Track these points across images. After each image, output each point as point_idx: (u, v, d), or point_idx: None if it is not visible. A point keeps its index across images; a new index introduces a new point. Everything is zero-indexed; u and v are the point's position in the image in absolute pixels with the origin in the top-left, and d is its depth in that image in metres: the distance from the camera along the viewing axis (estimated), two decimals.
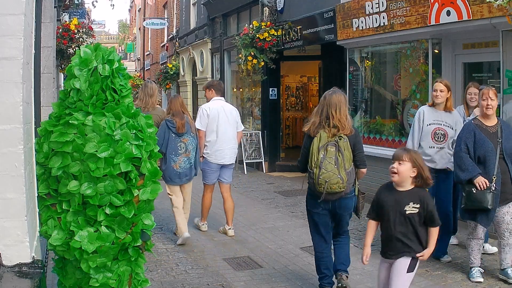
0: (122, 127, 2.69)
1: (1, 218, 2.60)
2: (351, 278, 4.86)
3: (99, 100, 2.71)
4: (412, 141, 5.31)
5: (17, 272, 2.63)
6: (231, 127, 6.38)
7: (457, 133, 4.99)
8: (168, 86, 20.33)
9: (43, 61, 6.44)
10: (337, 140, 4.12)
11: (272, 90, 12.02)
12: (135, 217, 2.74)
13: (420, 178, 3.34)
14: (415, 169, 3.32)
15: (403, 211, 3.33)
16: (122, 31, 55.06)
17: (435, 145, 5.18)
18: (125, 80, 2.86)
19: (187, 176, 6.04)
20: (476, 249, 4.70)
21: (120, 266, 2.77)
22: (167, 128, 5.81)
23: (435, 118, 5.19)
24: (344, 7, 8.52)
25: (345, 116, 4.18)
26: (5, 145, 2.60)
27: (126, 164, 2.66)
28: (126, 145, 2.66)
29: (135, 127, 2.74)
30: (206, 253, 5.67)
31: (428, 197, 3.40)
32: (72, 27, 10.84)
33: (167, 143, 5.78)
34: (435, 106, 5.25)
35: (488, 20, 5.85)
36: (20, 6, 2.65)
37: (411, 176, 3.33)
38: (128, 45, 40.10)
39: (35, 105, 4.02)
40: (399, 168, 3.32)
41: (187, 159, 5.95)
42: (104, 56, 2.76)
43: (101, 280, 2.70)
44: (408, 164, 3.30)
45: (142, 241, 2.81)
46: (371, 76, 8.76)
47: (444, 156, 5.18)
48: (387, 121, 8.34)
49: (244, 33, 11.33)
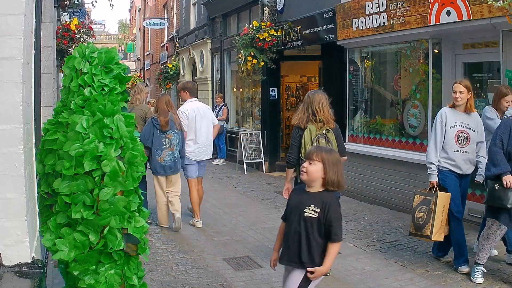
0: (95, 125, 2.64)
1: (1, 218, 2.60)
2: (351, 278, 4.87)
3: (79, 97, 2.69)
4: (435, 145, 4.97)
5: (17, 272, 2.62)
6: (206, 126, 6.93)
7: (479, 136, 4.93)
8: (168, 86, 20.34)
9: (43, 61, 6.45)
10: (325, 132, 4.73)
11: (272, 90, 12.03)
12: (100, 219, 2.63)
13: (329, 181, 3.01)
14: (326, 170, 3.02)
15: (302, 213, 3.01)
16: (122, 31, 55.02)
17: (459, 148, 4.92)
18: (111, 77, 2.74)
19: (172, 169, 6.57)
20: (487, 249, 4.62)
21: (106, 269, 2.70)
22: (152, 125, 6.39)
23: (457, 120, 4.94)
24: (344, 7, 8.52)
25: (328, 112, 4.76)
26: (5, 145, 2.60)
27: (91, 163, 2.59)
28: (93, 144, 2.60)
29: (106, 126, 2.65)
30: (206, 253, 5.67)
31: (333, 204, 3.02)
32: (72, 27, 10.86)
33: (153, 138, 6.40)
34: (455, 107, 4.99)
35: (488, 20, 5.85)
36: (20, 6, 2.65)
37: (322, 177, 3.03)
38: (128, 45, 40.12)
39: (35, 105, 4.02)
40: (309, 168, 3.03)
41: (172, 153, 6.51)
42: (85, 52, 2.73)
43: (87, 281, 2.68)
44: (319, 165, 3.01)
45: (130, 244, 2.69)
46: (371, 76, 8.76)
47: (468, 161, 4.98)
48: (387, 121, 8.34)
49: (244, 33, 11.33)
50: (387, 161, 7.81)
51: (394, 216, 7.27)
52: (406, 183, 7.44)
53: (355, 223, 6.95)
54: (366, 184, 8.29)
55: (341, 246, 3.81)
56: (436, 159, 4.96)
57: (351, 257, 5.44)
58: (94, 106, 2.66)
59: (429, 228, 4.80)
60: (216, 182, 10.40)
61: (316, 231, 2.97)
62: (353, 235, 6.36)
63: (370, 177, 8.19)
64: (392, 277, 4.87)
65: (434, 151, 4.97)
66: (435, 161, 4.96)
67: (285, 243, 3.11)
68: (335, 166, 3.04)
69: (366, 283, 4.75)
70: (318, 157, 3.02)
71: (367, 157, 8.26)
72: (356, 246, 5.89)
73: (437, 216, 4.77)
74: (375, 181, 8.09)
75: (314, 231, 2.97)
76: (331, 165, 3.02)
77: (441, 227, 4.82)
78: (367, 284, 4.73)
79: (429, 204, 4.85)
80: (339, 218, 3.04)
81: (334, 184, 3.03)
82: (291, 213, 3.10)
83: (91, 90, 2.68)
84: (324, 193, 3.04)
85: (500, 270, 4.93)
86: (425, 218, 4.85)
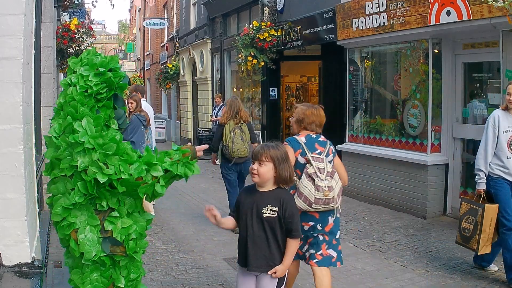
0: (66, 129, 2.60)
1: (1, 218, 2.60)
2: (351, 278, 4.86)
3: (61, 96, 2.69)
4: (486, 151, 4.60)
5: (17, 272, 2.62)
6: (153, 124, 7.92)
7: None
8: (168, 86, 20.34)
9: (43, 61, 6.45)
10: (240, 125, 6.52)
11: (272, 90, 12.02)
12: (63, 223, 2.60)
13: (281, 179, 2.94)
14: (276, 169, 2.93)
15: (260, 215, 2.91)
16: (122, 31, 55.00)
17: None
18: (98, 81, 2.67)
19: None
20: None
21: (90, 271, 2.66)
22: (139, 121, 6.81)
23: (510, 124, 4.57)
24: (344, 7, 8.52)
25: (244, 111, 6.65)
26: (5, 145, 2.60)
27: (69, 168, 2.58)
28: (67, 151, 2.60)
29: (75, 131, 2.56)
30: (206, 253, 5.67)
31: (290, 200, 2.99)
32: (72, 27, 10.86)
33: (138, 133, 6.85)
34: (509, 110, 4.59)
35: (488, 20, 5.85)
36: (20, 6, 2.65)
37: (274, 175, 2.94)
38: (128, 45, 40.06)
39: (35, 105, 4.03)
40: (260, 170, 2.91)
41: (149, 145, 6.91)
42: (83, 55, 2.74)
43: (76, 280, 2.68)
44: (270, 165, 2.91)
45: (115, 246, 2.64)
46: (371, 76, 8.76)
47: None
48: (387, 121, 8.33)
49: (244, 33, 11.32)
50: (387, 161, 7.81)
51: (394, 216, 7.27)
52: (406, 183, 7.44)
53: (355, 223, 6.95)
54: (366, 184, 8.29)
55: (341, 246, 3.81)
56: (486, 166, 4.61)
57: (351, 257, 5.44)
58: (67, 109, 2.60)
59: (475, 242, 4.59)
60: (216, 182, 10.38)
61: (279, 230, 2.92)
62: (353, 235, 6.36)
63: (370, 177, 8.19)
64: (392, 277, 4.87)
65: (484, 157, 4.62)
66: (485, 168, 4.62)
67: (248, 249, 2.94)
68: (285, 162, 2.96)
69: (366, 283, 4.74)
70: (268, 157, 2.91)
71: (367, 157, 8.26)
72: (356, 246, 5.89)
73: (483, 230, 4.53)
74: (375, 181, 8.09)
75: (278, 231, 2.92)
76: (281, 163, 2.93)
77: (488, 239, 4.58)
78: (367, 284, 4.73)
79: (476, 215, 4.60)
80: (297, 213, 3.01)
81: (286, 181, 2.97)
82: (246, 216, 2.96)
83: (74, 89, 2.63)
84: (277, 190, 2.96)
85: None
86: (472, 230, 4.62)
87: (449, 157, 7.12)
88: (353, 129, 8.93)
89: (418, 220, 6.99)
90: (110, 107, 2.78)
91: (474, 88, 6.96)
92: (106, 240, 2.63)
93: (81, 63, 2.70)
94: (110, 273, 2.71)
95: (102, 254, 2.62)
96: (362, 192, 8.35)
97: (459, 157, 7.08)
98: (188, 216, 7.24)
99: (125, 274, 2.77)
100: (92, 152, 2.52)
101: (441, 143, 7.18)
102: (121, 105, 2.87)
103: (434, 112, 7.20)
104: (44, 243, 3.66)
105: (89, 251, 2.58)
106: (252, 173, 2.95)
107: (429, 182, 7.08)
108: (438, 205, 7.16)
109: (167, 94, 22.70)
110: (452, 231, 6.36)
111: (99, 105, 2.71)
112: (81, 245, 2.58)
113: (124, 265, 2.75)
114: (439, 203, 7.16)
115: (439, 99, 7.16)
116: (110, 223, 2.65)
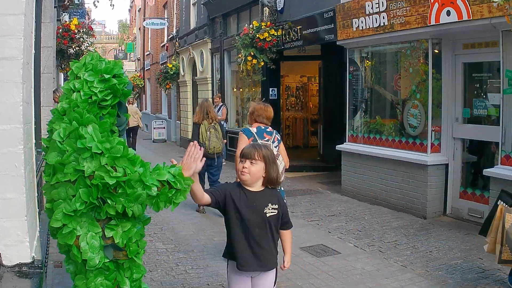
0: (71, 134, 2.55)
1: (1, 218, 2.60)
2: (351, 278, 4.86)
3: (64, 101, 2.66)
4: None
5: (17, 272, 2.62)
6: None
7: None
8: (168, 86, 20.34)
9: (43, 61, 6.45)
10: (214, 125, 7.47)
11: (272, 90, 12.02)
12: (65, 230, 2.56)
13: (270, 179, 2.95)
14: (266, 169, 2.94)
15: (262, 215, 2.90)
16: (122, 31, 55.01)
17: None
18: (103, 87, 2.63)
19: None
20: None
21: (94, 276, 2.68)
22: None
23: None
24: (344, 7, 8.52)
25: (213, 112, 7.56)
26: (5, 145, 2.60)
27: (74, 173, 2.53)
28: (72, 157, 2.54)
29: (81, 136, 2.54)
30: (206, 253, 5.68)
31: (281, 197, 3.07)
32: (72, 27, 10.86)
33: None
34: None
35: (488, 20, 5.85)
36: (20, 6, 2.64)
37: (263, 176, 2.94)
38: (128, 45, 40.03)
39: (35, 105, 4.02)
40: (251, 169, 2.88)
41: None
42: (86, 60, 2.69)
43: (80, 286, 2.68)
44: (261, 164, 2.91)
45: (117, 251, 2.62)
46: (371, 76, 8.76)
47: None
48: (387, 121, 8.33)
49: (244, 33, 11.32)
50: (387, 161, 7.81)
51: (394, 216, 7.27)
52: (406, 183, 7.44)
53: (355, 223, 6.95)
54: (366, 184, 8.29)
55: (341, 246, 3.82)
56: None
57: (351, 257, 5.44)
58: (71, 114, 2.57)
59: None
60: None
61: (275, 228, 2.97)
62: (353, 235, 6.36)
63: (370, 177, 8.19)
64: (392, 277, 4.87)
65: None
66: None
67: (244, 249, 2.89)
68: (274, 163, 2.98)
69: (366, 283, 4.74)
70: (260, 156, 2.90)
71: (367, 157, 8.26)
72: (356, 246, 5.89)
73: None
74: (375, 181, 8.09)
75: (275, 228, 2.98)
76: (271, 163, 2.94)
77: None
78: (367, 284, 4.73)
79: None
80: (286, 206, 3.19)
81: (274, 182, 2.96)
82: (246, 216, 2.89)
83: (78, 95, 2.59)
84: (268, 190, 2.97)
85: None
86: None
87: (449, 157, 7.12)
88: (353, 129, 8.93)
89: (418, 220, 6.99)
90: (114, 115, 2.75)
91: (474, 88, 6.96)
92: (108, 247, 2.61)
93: (85, 68, 2.66)
94: (115, 275, 2.70)
95: (105, 260, 2.60)
96: (362, 192, 8.35)
97: (459, 157, 7.08)
98: (188, 216, 7.24)
99: (129, 275, 2.76)
100: (100, 157, 2.49)
101: (441, 143, 7.18)
102: (124, 112, 2.85)
103: (434, 112, 7.21)
104: (44, 243, 3.66)
105: (92, 258, 2.57)
106: (242, 172, 2.91)
107: (429, 182, 7.08)
108: (438, 205, 7.16)
109: (167, 94, 22.69)
110: (452, 231, 6.37)
111: (104, 113, 2.68)
112: (83, 252, 2.55)
113: (128, 267, 2.75)
114: (439, 203, 7.17)
115: (439, 99, 7.16)
116: (110, 230, 2.62)
